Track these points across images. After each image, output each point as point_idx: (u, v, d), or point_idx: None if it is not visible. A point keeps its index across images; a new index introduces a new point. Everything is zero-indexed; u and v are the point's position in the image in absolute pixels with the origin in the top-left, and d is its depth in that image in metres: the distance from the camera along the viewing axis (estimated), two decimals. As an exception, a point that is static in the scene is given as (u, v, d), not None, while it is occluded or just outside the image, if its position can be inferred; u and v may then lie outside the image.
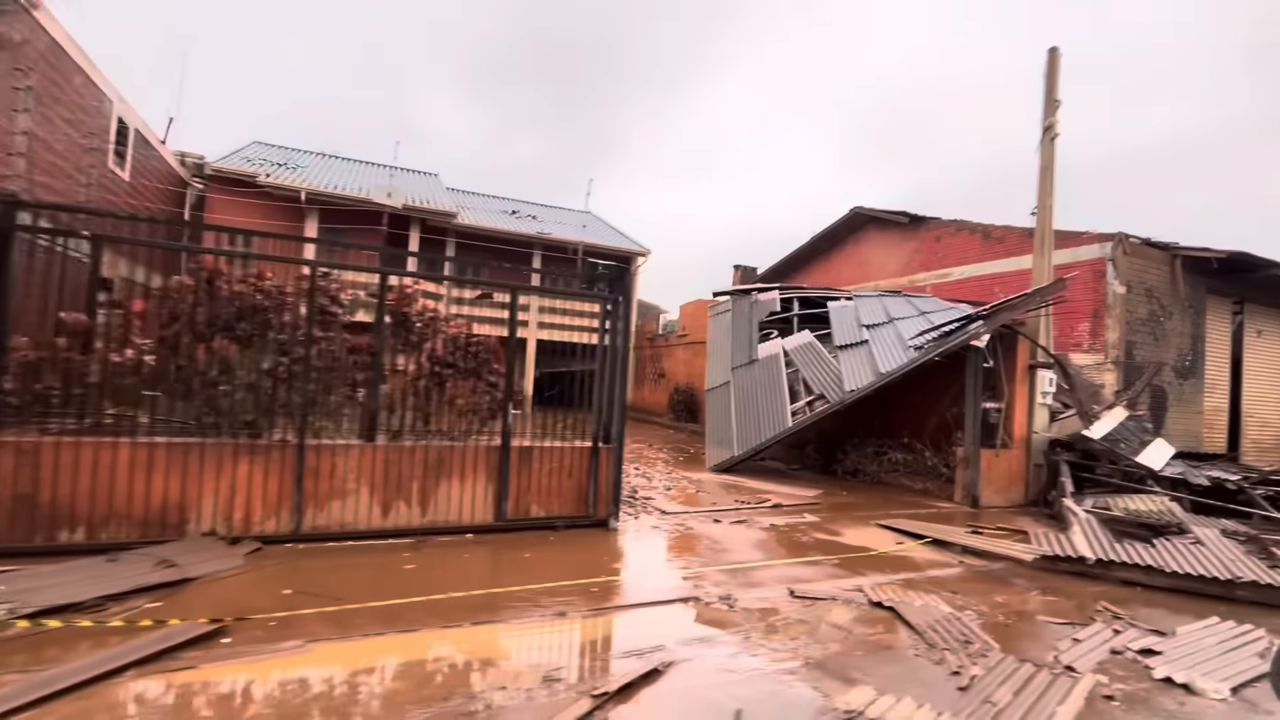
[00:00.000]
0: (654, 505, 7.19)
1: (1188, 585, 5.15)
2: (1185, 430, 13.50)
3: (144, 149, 12.89)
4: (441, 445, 5.58)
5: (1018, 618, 4.36)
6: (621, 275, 6.25)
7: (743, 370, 11.50)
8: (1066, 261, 13.50)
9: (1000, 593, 4.91)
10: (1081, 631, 4.08)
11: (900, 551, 5.97)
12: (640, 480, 8.83)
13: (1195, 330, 13.73)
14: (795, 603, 4.38)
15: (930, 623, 4.03)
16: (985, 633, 3.97)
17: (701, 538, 6.01)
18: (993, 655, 3.59)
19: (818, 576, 5.03)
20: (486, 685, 2.93)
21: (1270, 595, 4.92)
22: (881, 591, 4.62)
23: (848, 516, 7.37)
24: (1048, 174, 9.56)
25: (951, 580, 5.17)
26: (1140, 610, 4.70)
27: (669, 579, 4.73)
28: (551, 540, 5.61)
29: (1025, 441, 9.09)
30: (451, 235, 18.78)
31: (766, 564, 5.31)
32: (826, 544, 6.10)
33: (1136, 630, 4.16)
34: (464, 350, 6.07)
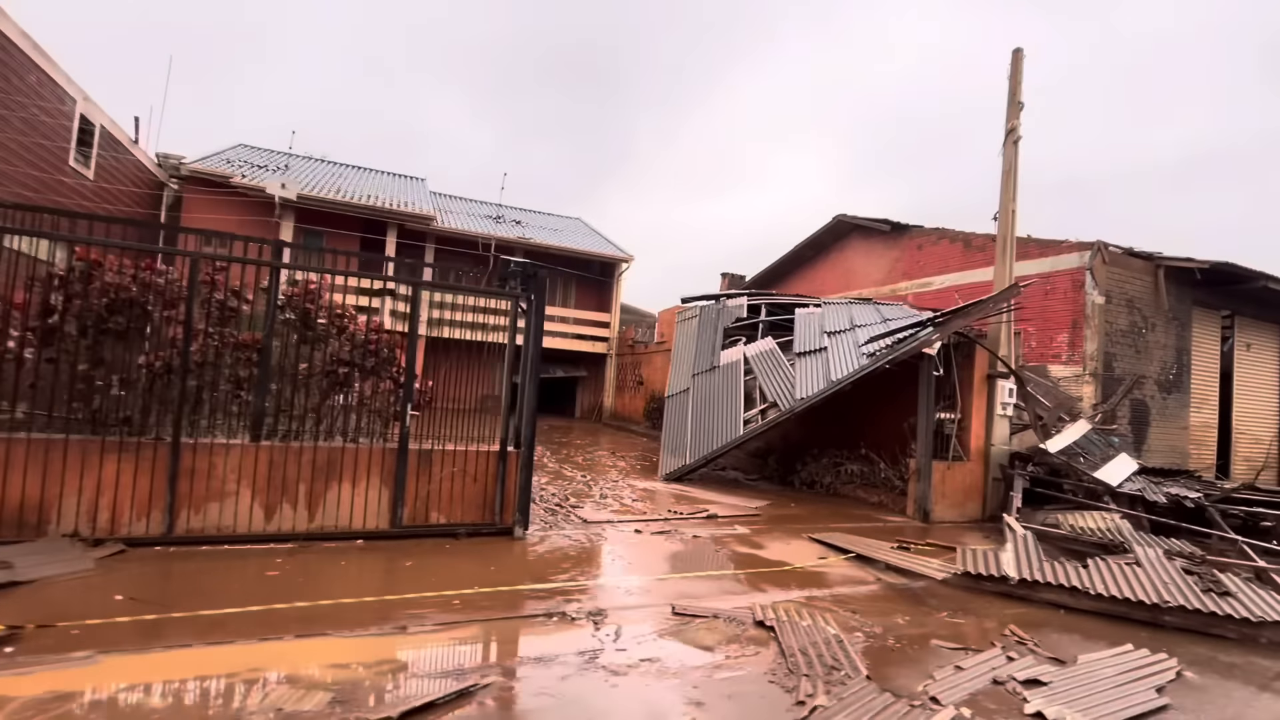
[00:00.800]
0: (580, 514, 6.91)
1: (1113, 609, 4.81)
2: (1170, 446, 13.07)
3: (113, 149, 12.88)
4: (332, 447, 5.35)
5: (910, 641, 4.04)
6: (534, 274, 6.01)
7: (703, 377, 11.22)
8: (1045, 271, 13.19)
9: (905, 613, 4.59)
10: (972, 658, 3.76)
11: (819, 567, 5.66)
12: (581, 488, 8.56)
13: (1180, 343, 13.31)
14: (672, 620, 4.09)
15: (805, 646, 3.72)
16: (863, 658, 3.66)
17: (610, 549, 5.73)
18: (854, 683, 3.28)
19: (713, 593, 4.74)
20: (260, 706, 2.67)
21: (1198, 621, 4.57)
22: (772, 610, 4.31)
23: (782, 529, 7.06)
24: (1010, 178, 9.25)
25: (859, 599, 4.85)
26: (1052, 635, 4.36)
27: (544, 592, 4.45)
28: (447, 549, 5.36)
29: (983, 454, 8.73)
30: (431, 239, 18.70)
31: (664, 578, 5.02)
32: (743, 558, 5.80)
33: (1034, 658, 3.83)
34: (363, 349, 5.84)
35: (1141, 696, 3.36)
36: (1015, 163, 9.28)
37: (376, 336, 5.97)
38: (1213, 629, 4.54)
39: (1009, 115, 9.34)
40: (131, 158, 13.80)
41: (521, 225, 21.51)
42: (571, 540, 5.89)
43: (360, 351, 5.82)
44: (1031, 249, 13.55)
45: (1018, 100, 9.31)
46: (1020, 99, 9.33)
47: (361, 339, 5.86)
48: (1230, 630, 4.50)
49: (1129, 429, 12.49)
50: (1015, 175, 9.28)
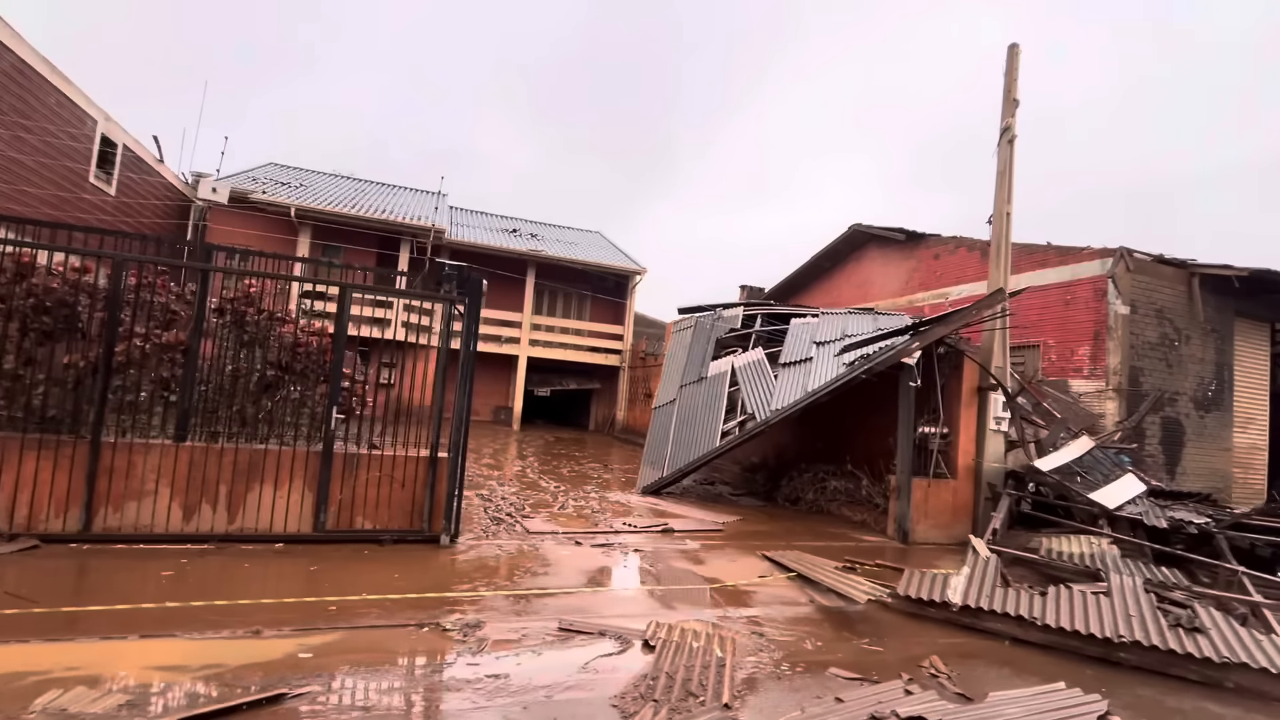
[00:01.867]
0: (527, 524, 6.73)
1: (1065, 643, 4.32)
2: (1209, 469, 12.05)
3: (136, 167, 13.58)
4: (254, 449, 5.34)
5: (806, 669, 3.69)
6: (468, 276, 5.92)
7: (690, 388, 10.94)
8: (1065, 280, 12.48)
9: (821, 638, 4.22)
10: (862, 690, 3.39)
11: (753, 586, 5.31)
12: (548, 499, 8.38)
13: (1221, 357, 12.31)
14: (552, 636, 3.86)
15: (678, 669, 3.43)
16: (740, 685, 3.35)
17: (535, 561, 5.52)
18: (704, 712, 2.98)
19: (620, 609, 4.47)
20: (48, 706, 2.58)
21: (1155, 660, 4.05)
22: (666, 630, 4.03)
23: (738, 546, 6.70)
24: (1005, 179, 8.73)
25: (778, 621, 4.50)
26: (980, 668, 3.94)
27: (435, 602, 4.28)
28: (365, 555, 5.26)
29: (972, 471, 8.16)
30: (445, 253, 19.01)
31: (573, 591, 4.78)
32: (676, 574, 5.50)
33: (937, 693, 3.43)
34: (294, 351, 5.85)
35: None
36: (1010, 163, 8.76)
37: (306, 339, 5.95)
38: (1172, 669, 4.01)
39: (1004, 113, 8.84)
40: (157, 176, 14.52)
41: (537, 239, 21.71)
42: (501, 551, 5.71)
43: (289, 354, 5.82)
44: (1051, 256, 12.84)
45: (1013, 98, 8.82)
46: (1016, 96, 8.82)
47: (290, 341, 5.86)
48: (1192, 671, 3.96)
49: (1160, 449, 11.58)
50: (1010, 176, 8.76)
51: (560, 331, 20.99)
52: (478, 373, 20.61)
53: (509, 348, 19.73)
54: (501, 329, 19.94)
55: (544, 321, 20.47)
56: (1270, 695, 3.76)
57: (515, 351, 19.72)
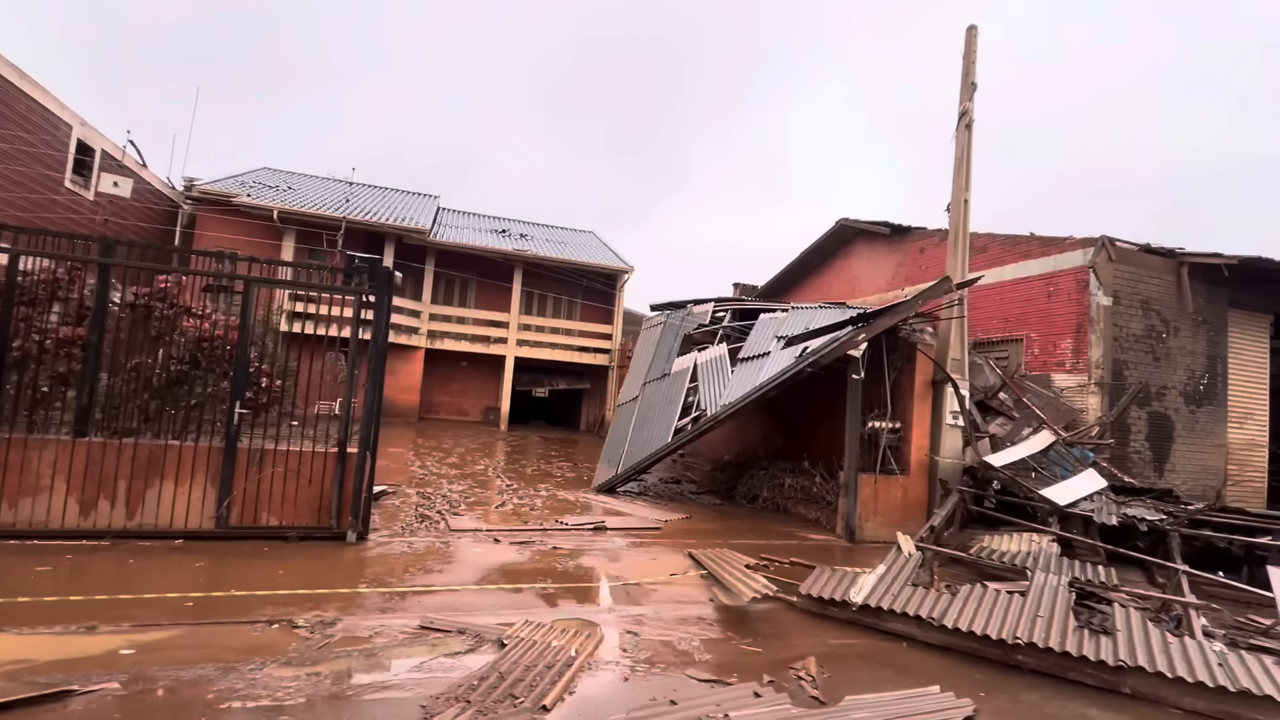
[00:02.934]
0: (450, 522, 6.61)
1: (964, 644, 4.08)
2: (1201, 466, 11.57)
3: (116, 171, 13.77)
4: (155, 444, 5.29)
5: (666, 669, 3.50)
6: (379, 267, 5.81)
7: (653, 385, 10.77)
8: (1048, 271, 12.11)
9: (699, 639, 4.03)
10: (705, 693, 3.21)
11: (660, 584, 5.13)
12: (492, 496, 8.26)
13: (1213, 350, 11.82)
14: (409, 633, 3.72)
15: (515, 668, 3.28)
16: (577, 687, 3.19)
17: (437, 558, 5.39)
18: (515, 713, 2.82)
19: (499, 606, 4.33)
20: None
21: (1052, 663, 3.80)
22: (535, 628, 3.88)
23: (670, 545, 6.51)
24: (962, 165, 8.43)
25: (664, 620, 4.32)
26: (858, 670, 3.72)
27: (305, 599, 4.17)
28: (265, 552, 5.17)
29: (926, 467, 7.87)
30: (431, 254, 19.06)
31: (458, 588, 4.64)
32: (582, 571, 5.34)
33: (785, 698, 3.23)
34: (199, 345, 5.80)
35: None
36: (969, 149, 8.47)
37: (211, 334, 5.90)
38: (1069, 673, 3.76)
39: (961, 97, 8.56)
40: (138, 178, 14.71)
41: (527, 239, 21.67)
42: (408, 549, 5.59)
43: (194, 349, 5.77)
44: (1034, 247, 12.46)
45: (971, 81, 8.53)
46: (974, 79, 8.53)
47: (195, 336, 5.81)
48: (1089, 675, 3.70)
49: (1147, 445, 11.13)
50: (968, 163, 8.46)
51: (550, 331, 20.91)
52: (467, 374, 20.46)
53: (497, 348, 19.70)
54: (490, 329, 19.92)
55: (532, 321, 20.41)
56: (1166, 701, 3.50)
57: (503, 352, 19.68)
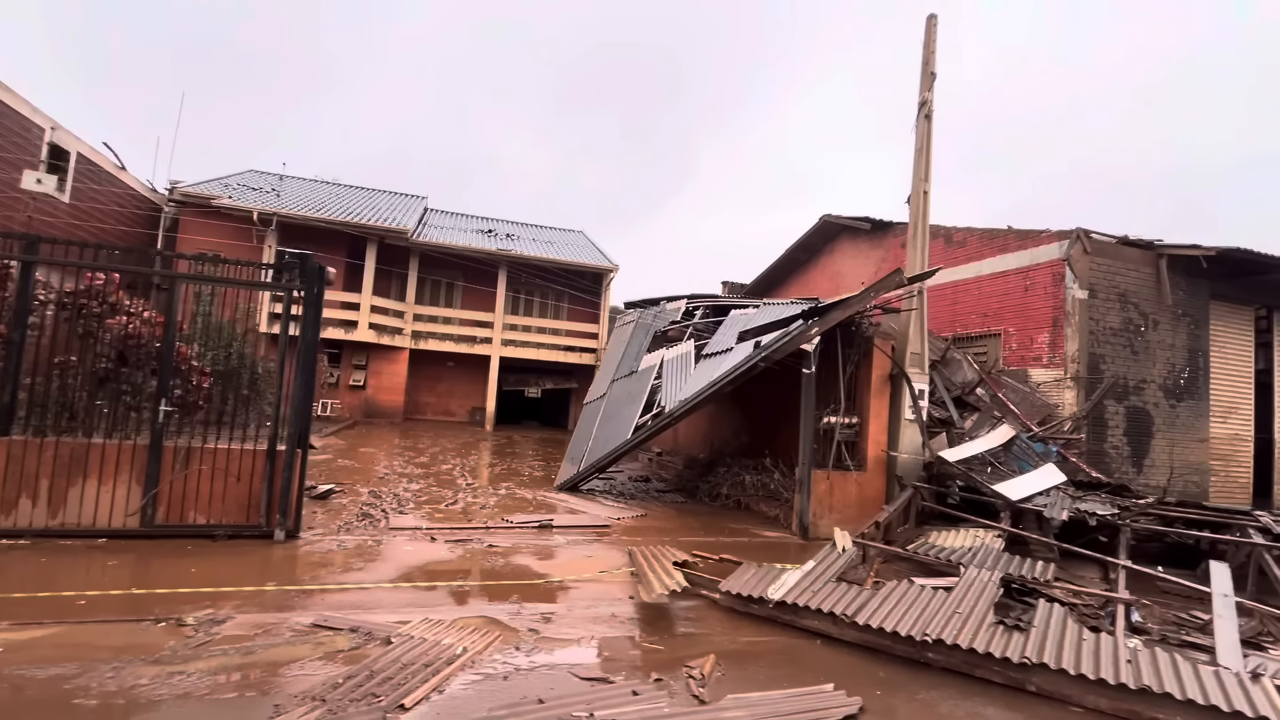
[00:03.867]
0: (391, 520, 6.54)
1: (875, 641, 3.97)
2: (1182, 461, 11.38)
3: (93, 174, 13.81)
4: (78, 442, 5.24)
5: (552, 668, 3.41)
6: (309, 263, 5.73)
7: (621, 382, 10.68)
8: (1025, 265, 11.97)
9: (602, 636, 3.93)
10: (582, 690, 3.11)
11: (585, 582, 5.03)
12: (446, 494, 8.19)
13: (1194, 343, 11.63)
14: (298, 632, 3.65)
15: (388, 667, 3.20)
16: (448, 686, 3.10)
17: (362, 557, 5.31)
18: (364, 713, 2.74)
19: (409, 604, 4.25)
20: None
21: (960, 660, 3.68)
22: (430, 626, 3.80)
23: (614, 543, 6.41)
24: (922, 156, 8.30)
25: (571, 618, 4.22)
26: (758, 668, 3.61)
27: (200, 596, 4.11)
28: (188, 550, 5.11)
29: (884, 463, 7.74)
30: (415, 254, 19.04)
31: (369, 587, 4.56)
32: (509, 570, 5.25)
33: (665, 695, 3.14)
34: (126, 343, 5.74)
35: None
36: (928, 140, 8.33)
37: (139, 330, 5.84)
38: (976, 670, 3.64)
39: (921, 87, 8.42)
40: (119, 183, 14.76)
41: (513, 239, 21.63)
42: (336, 547, 5.52)
43: (120, 346, 5.72)
44: (1011, 241, 12.33)
45: (930, 71, 8.39)
46: (934, 70, 8.40)
47: (121, 333, 5.76)
48: (995, 673, 3.58)
49: (1124, 440, 10.96)
50: (928, 154, 8.33)
51: (537, 331, 20.85)
52: (453, 374, 20.43)
53: (482, 348, 19.66)
54: (475, 329, 19.88)
55: (517, 321, 20.36)
56: (1069, 699, 3.37)
57: (488, 352, 19.64)
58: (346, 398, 18.20)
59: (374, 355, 18.56)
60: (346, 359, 18.37)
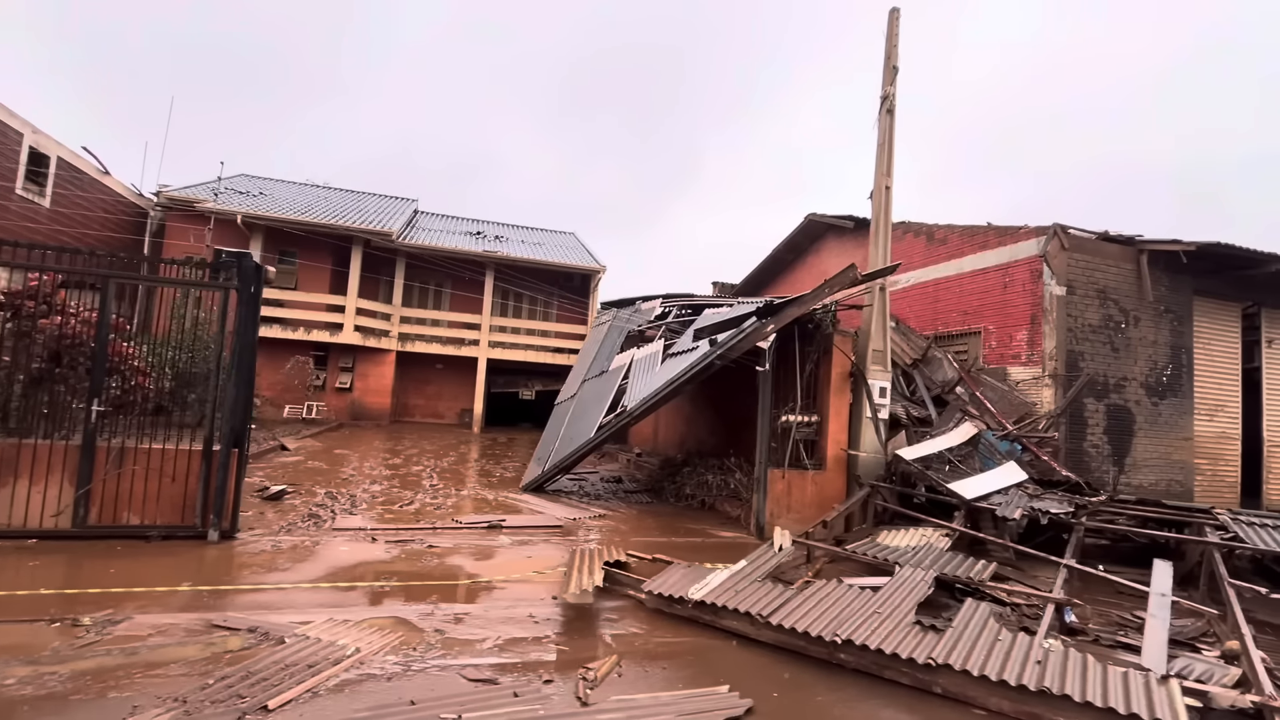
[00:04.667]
0: (337, 521, 6.49)
1: (791, 642, 3.87)
2: (1166, 460, 11.19)
3: (75, 178, 13.90)
4: (6, 442, 5.22)
5: (445, 669, 3.34)
6: (246, 261, 5.70)
7: (591, 382, 10.61)
8: (1004, 261, 11.83)
9: (508, 637, 3.86)
10: (463, 691, 3.04)
11: (514, 583, 4.96)
12: (406, 494, 8.13)
13: (1177, 340, 11.44)
14: (187, 632, 3.59)
15: (268, 667, 3.14)
16: (327, 687, 3.04)
17: (292, 557, 5.25)
18: (220, 714, 2.68)
19: (315, 604, 4.19)
20: None
21: (871, 661, 3.58)
22: (330, 627, 3.73)
23: (560, 542, 6.34)
24: (884, 150, 8.20)
25: (486, 618, 4.15)
26: (664, 669, 3.53)
27: (109, 596, 4.06)
28: (117, 551, 5.08)
29: (843, 462, 7.62)
30: (401, 256, 19.07)
31: (288, 587, 4.50)
32: (441, 570, 5.18)
33: (551, 695, 3.06)
34: (60, 342, 5.72)
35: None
36: (890, 135, 8.23)
37: (75, 330, 5.82)
38: (885, 671, 3.54)
39: (884, 81, 8.32)
40: (100, 186, 14.85)
41: (502, 241, 21.62)
42: (272, 547, 5.48)
43: (55, 346, 5.69)
44: (990, 238, 12.19)
45: (893, 65, 8.29)
46: (896, 63, 8.30)
47: (55, 333, 5.73)
48: (904, 674, 3.48)
49: (1105, 439, 10.78)
50: (890, 149, 8.23)
51: (526, 334, 20.84)
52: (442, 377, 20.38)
53: (469, 350, 19.64)
54: (464, 331, 19.88)
55: (505, 323, 20.33)
56: (973, 701, 3.27)
57: (475, 354, 19.62)
58: (332, 400, 18.22)
59: (360, 357, 18.58)
60: (333, 361, 18.39)
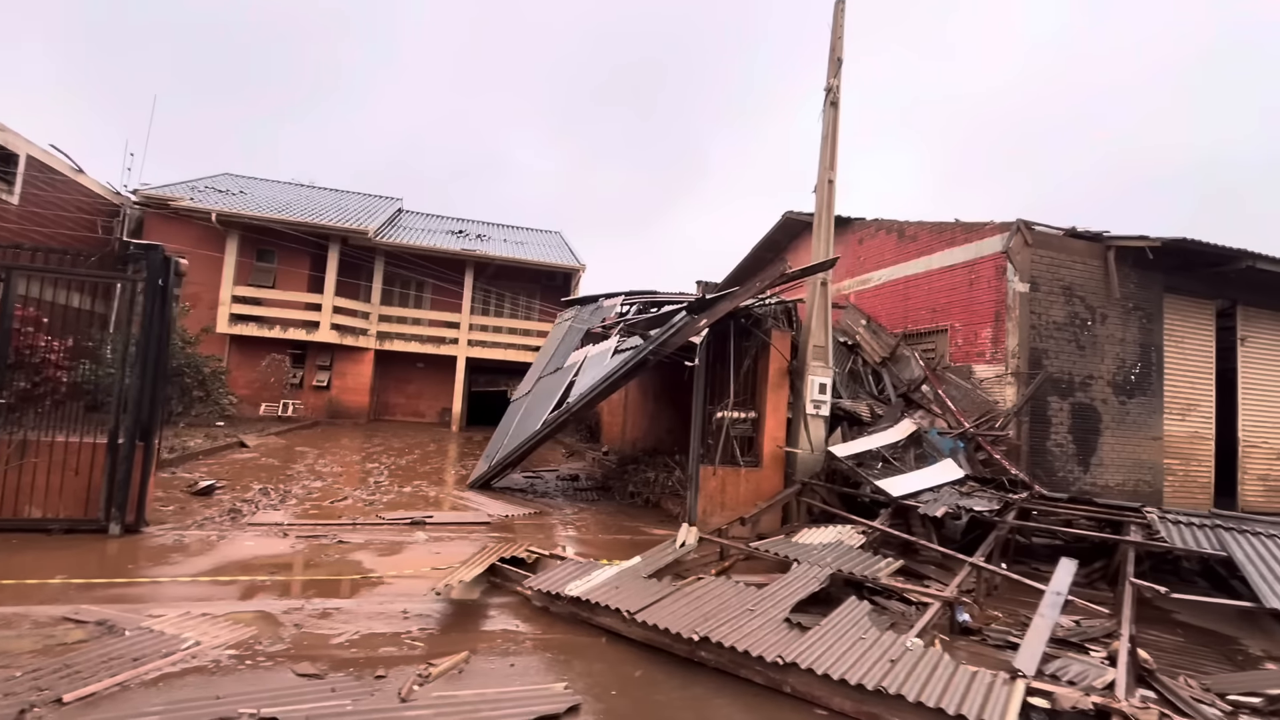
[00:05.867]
0: (257, 517, 6.43)
1: (657, 639, 3.77)
2: (1134, 460, 10.98)
3: (45, 176, 13.95)
4: (-96, 435, 5.20)
5: (279, 665, 3.26)
6: (154, 254, 5.65)
7: (546, 379, 10.52)
8: (970, 258, 11.67)
9: (366, 632, 3.77)
10: (275, 685, 2.96)
11: (406, 579, 4.87)
12: (345, 491, 8.08)
13: (1146, 338, 11.23)
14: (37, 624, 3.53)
15: (84, 659, 3.07)
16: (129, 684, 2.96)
17: (187, 552, 5.19)
18: None
19: (184, 598, 4.12)
20: None
21: (728, 659, 3.47)
22: (185, 620, 3.66)
23: (480, 539, 6.24)
24: (828, 143, 8.07)
25: (356, 614, 4.06)
26: (511, 668, 3.43)
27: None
28: (13, 544, 5.03)
29: (781, 459, 7.49)
30: (380, 254, 19.05)
31: (164, 580, 4.44)
32: (334, 565, 5.10)
33: (368, 692, 2.97)
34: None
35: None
36: (834, 128, 8.10)
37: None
38: (741, 670, 3.42)
39: (828, 73, 8.19)
40: (74, 184, 14.91)
41: (484, 239, 21.59)
42: (174, 541, 5.42)
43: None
44: (958, 234, 12.03)
45: (837, 57, 8.16)
46: (840, 55, 8.16)
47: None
48: (757, 673, 3.37)
49: (1069, 439, 10.59)
50: (834, 142, 8.10)
51: (508, 332, 20.78)
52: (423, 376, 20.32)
53: (449, 349, 19.61)
54: (444, 330, 19.85)
55: (485, 322, 20.29)
56: (819, 701, 3.15)
57: (455, 352, 19.59)
58: (310, 398, 18.23)
59: (338, 356, 18.59)
60: (311, 360, 18.41)
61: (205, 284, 17.26)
